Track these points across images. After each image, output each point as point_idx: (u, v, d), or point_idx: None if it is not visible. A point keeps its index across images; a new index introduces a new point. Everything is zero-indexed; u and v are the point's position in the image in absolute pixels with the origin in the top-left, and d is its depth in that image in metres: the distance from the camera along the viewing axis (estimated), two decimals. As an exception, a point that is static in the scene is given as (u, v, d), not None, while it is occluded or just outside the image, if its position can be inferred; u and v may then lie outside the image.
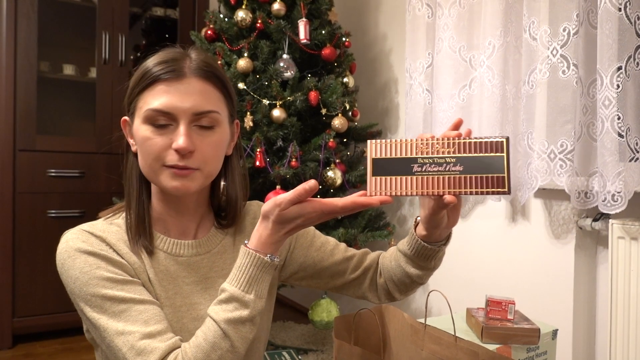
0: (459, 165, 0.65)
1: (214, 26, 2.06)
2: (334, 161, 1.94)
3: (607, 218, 1.53)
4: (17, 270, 2.33)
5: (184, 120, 0.74)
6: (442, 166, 0.65)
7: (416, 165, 0.66)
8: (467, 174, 0.65)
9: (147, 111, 0.74)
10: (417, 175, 0.66)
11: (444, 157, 0.65)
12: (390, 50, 2.49)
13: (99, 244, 0.75)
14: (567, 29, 1.58)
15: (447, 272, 2.12)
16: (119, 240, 0.77)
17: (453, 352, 0.82)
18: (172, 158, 0.74)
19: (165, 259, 0.80)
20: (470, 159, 0.65)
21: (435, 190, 0.66)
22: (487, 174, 0.64)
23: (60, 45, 2.74)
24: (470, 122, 1.93)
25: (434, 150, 0.66)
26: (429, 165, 0.66)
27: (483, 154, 0.65)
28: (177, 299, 0.79)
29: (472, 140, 0.66)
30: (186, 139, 0.73)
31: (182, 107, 0.73)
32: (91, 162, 2.49)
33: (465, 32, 1.93)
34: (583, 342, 1.65)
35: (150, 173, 0.77)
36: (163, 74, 0.74)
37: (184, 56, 0.77)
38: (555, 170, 1.61)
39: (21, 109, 2.33)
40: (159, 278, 0.79)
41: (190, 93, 0.74)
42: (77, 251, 0.73)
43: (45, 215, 2.39)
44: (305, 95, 1.93)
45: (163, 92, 0.74)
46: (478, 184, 0.65)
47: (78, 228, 0.76)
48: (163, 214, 0.82)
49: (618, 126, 1.38)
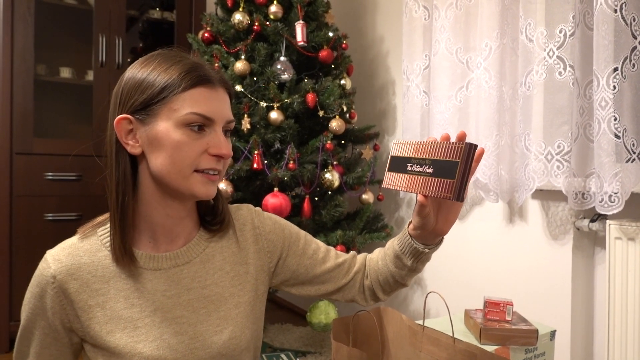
0: (430, 168, 0.68)
1: (211, 29, 2.06)
2: (332, 163, 1.94)
3: (605, 219, 1.53)
4: (14, 274, 2.32)
5: (221, 126, 0.77)
6: (422, 167, 0.70)
7: (409, 165, 0.71)
8: (434, 176, 0.68)
9: (188, 115, 0.72)
10: (407, 173, 0.71)
11: (424, 159, 0.69)
12: (388, 52, 2.50)
13: (53, 279, 0.76)
14: (564, 31, 1.59)
15: (445, 274, 2.12)
16: (83, 265, 0.77)
17: (451, 353, 0.83)
18: (208, 162, 0.75)
19: (142, 274, 0.78)
20: (439, 162, 0.67)
21: (413, 188, 0.70)
22: (445, 178, 0.66)
23: (57, 48, 2.74)
24: (468, 123, 1.93)
25: (434, 152, 0.69)
26: (416, 165, 0.70)
27: (448, 159, 0.67)
28: (157, 315, 0.77)
29: (442, 144, 0.69)
30: (228, 144, 0.77)
31: (221, 113, 0.76)
32: (88, 165, 2.48)
33: (462, 34, 1.94)
34: (581, 342, 1.65)
35: (178, 177, 0.74)
36: (201, 80, 0.74)
37: (201, 62, 0.79)
38: (553, 172, 1.61)
39: (18, 112, 2.32)
40: (133, 298, 0.77)
41: (223, 100, 0.78)
42: (32, 286, 0.79)
43: (42, 219, 2.38)
44: (302, 97, 1.94)
45: (204, 97, 0.74)
46: (436, 187, 0.67)
47: (49, 253, 0.79)
48: (157, 222, 0.80)
49: (615, 127, 1.39)
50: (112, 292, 0.77)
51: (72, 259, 0.77)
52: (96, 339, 0.76)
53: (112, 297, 0.77)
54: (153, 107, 0.74)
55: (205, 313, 0.81)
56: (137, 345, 0.75)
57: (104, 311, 0.76)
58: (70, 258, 0.77)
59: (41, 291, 0.77)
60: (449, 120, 1.96)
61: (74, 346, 0.81)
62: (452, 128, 1.96)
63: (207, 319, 0.81)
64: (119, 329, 0.76)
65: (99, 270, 0.77)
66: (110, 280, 0.77)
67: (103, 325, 0.76)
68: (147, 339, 0.76)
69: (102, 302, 0.76)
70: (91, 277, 0.77)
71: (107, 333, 0.76)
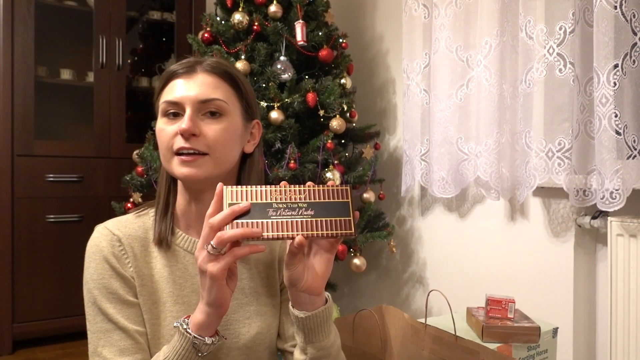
0: (311, 210, 0.70)
1: (210, 29, 2.06)
2: (333, 162, 1.94)
3: (606, 216, 1.53)
4: (16, 276, 2.32)
5: (189, 107, 0.78)
6: (296, 210, 0.69)
7: (271, 210, 0.69)
8: (318, 217, 0.69)
9: (162, 104, 0.80)
10: (272, 219, 0.68)
11: (297, 203, 0.70)
12: (387, 51, 2.49)
13: (115, 247, 0.80)
14: (564, 28, 1.59)
15: (446, 272, 2.12)
16: (136, 239, 0.82)
17: (454, 351, 0.83)
18: (178, 142, 0.78)
19: (184, 257, 0.83)
20: (320, 204, 0.70)
21: (289, 233, 0.69)
22: (335, 217, 0.70)
23: (57, 49, 2.74)
24: (468, 121, 1.93)
25: (288, 197, 0.70)
26: (283, 210, 0.69)
27: (331, 200, 0.71)
28: (192, 297, 0.82)
29: (321, 188, 0.71)
30: (188, 121, 0.76)
31: (188, 95, 0.78)
32: (89, 167, 2.49)
33: (462, 32, 1.94)
34: (583, 340, 1.65)
35: (165, 163, 0.80)
36: (177, 71, 0.81)
37: (201, 60, 0.82)
38: (554, 169, 1.61)
39: (19, 114, 2.33)
40: (174, 276, 0.82)
41: (198, 84, 0.79)
42: (94, 253, 0.80)
43: (44, 220, 2.38)
44: (303, 96, 1.94)
45: (175, 86, 0.80)
46: (328, 227, 0.69)
47: (103, 225, 0.83)
48: (186, 210, 0.84)
49: (615, 124, 1.39)
50: (158, 266, 0.82)
51: (129, 230, 0.83)
52: (142, 307, 0.80)
53: (158, 270, 0.82)
54: (156, 106, 0.84)
55: (238, 304, 0.85)
56: (174, 320, 0.79)
57: (152, 283, 0.81)
58: (128, 229, 0.83)
59: (106, 255, 0.80)
60: (449, 119, 1.96)
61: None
62: (453, 126, 1.96)
63: (239, 310, 0.85)
64: (160, 302, 0.81)
65: (149, 246, 0.83)
66: (157, 256, 0.83)
67: (149, 296, 0.81)
68: (182, 317, 0.78)
69: (150, 274, 0.82)
70: (144, 250, 0.82)
71: (153, 303, 0.81)
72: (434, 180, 2.01)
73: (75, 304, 2.43)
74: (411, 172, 2.14)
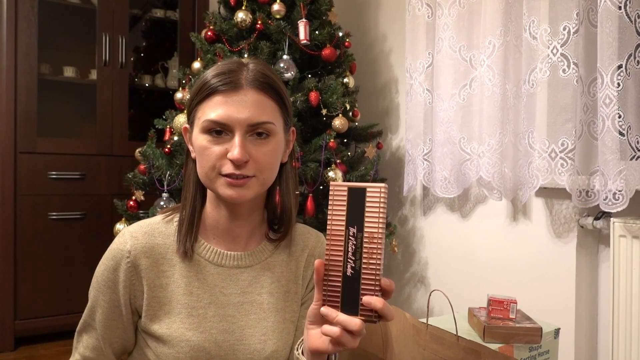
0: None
1: (213, 27, 2.06)
2: (335, 162, 1.94)
3: (609, 216, 1.53)
4: (18, 273, 2.33)
5: (239, 131, 0.75)
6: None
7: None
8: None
9: (204, 122, 0.76)
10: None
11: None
12: (391, 50, 2.49)
13: (123, 260, 0.81)
14: (567, 28, 1.58)
15: (448, 272, 2.12)
16: (152, 249, 0.81)
17: (455, 351, 0.82)
18: (227, 167, 0.76)
19: (205, 267, 0.83)
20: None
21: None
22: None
23: (60, 47, 2.74)
24: (471, 121, 1.93)
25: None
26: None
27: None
28: (210, 309, 0.81)
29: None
30: (240, 149, 0.74)
31: (237, 118, 0.75)
32: (92, 164, 2.49)
33: (465, 32, 1.93)
34: (585, 340, 1.65)
35: (206, 180, 0.78)
36: (220, 86, 0.76)
37: (241, 67, 0.79)
38: (557, 169, 1.61)
39: (22, 111, 2.33)
40: (192, 287, 0.81)
41: (246, 104, 0.76)
42: (108, 258, 0.82)
43: (46, 218, 2.39)
44: (305, 95, 1.93)
45: (220, 104, 0.76)
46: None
47: (128, 232, 0.82)
48: (216, 220, 0.84)
49: (619, 124, 1.38)
50: (176, 275, 0.81)
51: (147, 238, 0.82)
52: (152, 319, 0.80)
53: (175, 280, 0.81)
54: (190, 117, 0.81)
55: (255, 319, 0.83)
56: (187, 332, 0.79)
57: (165, 293, 0.81)
58: (146, 237, 0.82)
59: (115, 264, 0.81)
60: (452, 118, 1.96)
61: (134, 326, 0.85)
62: (456, 126, 1.95)
63: (256, 325, 0.83)
64: (174, 312, 0.80)
65: (168, 254, 0.82)
66: (177, 264, 0.82)
67: (162, 307, 0.80)
68: (197, 329, 0.79)
69: (166, 284, 0.81)
70: (161, 259, 0.82)
71: (165, 314, 0.80)
72: (436, 180, 2.01)
73: (77, 301, 2.44)
74: (413, 172, 2.14)
